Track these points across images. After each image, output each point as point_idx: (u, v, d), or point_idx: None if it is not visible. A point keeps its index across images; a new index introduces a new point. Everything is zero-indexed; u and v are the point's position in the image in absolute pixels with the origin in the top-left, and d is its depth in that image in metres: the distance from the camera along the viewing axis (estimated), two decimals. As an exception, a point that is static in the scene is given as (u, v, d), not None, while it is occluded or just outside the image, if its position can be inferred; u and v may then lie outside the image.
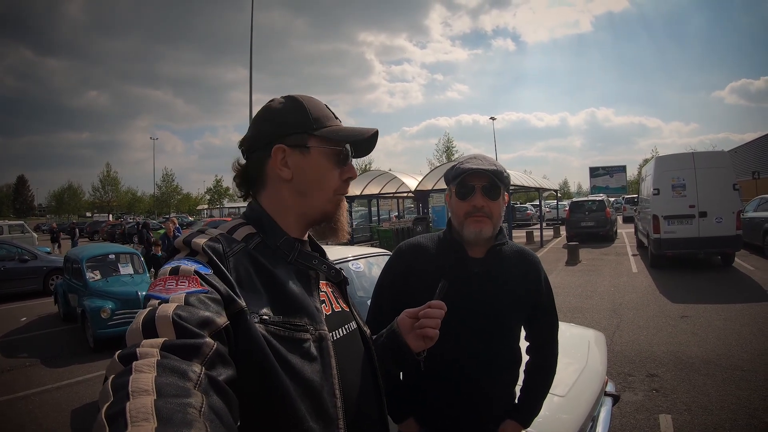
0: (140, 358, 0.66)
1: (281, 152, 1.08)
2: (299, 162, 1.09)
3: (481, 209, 1.70)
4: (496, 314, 1.73)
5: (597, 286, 10.59)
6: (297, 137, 1.09)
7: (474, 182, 1.71)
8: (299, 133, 1.09)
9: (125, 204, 73.10)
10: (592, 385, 2.68)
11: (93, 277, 8.56)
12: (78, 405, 5.48)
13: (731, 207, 11.36)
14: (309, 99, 1.15)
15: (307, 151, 1.09)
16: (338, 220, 1.16)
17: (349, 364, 1.07)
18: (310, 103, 1.13)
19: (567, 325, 3.62)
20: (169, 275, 0.85)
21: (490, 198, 1.71)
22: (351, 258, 3.69)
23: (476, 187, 1.71)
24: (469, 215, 1.71)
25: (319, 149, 1.10)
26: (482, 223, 1.70)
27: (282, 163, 1.08)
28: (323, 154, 1.10)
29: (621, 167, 52.96)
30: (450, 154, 55.79)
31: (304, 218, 1.12)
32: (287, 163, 1.08)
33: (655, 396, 4.77)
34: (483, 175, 1.69)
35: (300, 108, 1.11)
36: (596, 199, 21.54)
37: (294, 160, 1.09)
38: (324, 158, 1.10)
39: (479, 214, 1.70)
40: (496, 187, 1.71)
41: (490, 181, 1.70)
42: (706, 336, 6.56)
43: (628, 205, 30.76)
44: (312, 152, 1.09)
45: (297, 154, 1.09)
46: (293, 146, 1.09)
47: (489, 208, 1.71)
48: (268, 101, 1.17)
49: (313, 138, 1.09)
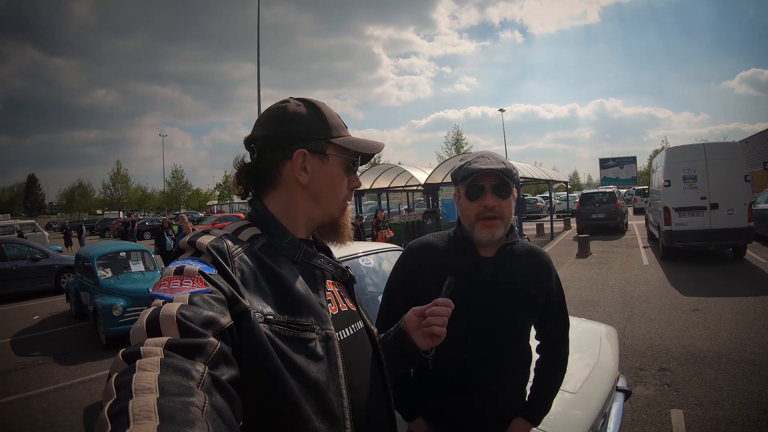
0: (144, 357, 0.67)
1: (302, 156, 1.08)
2: (317, 168, 1.10)
3: (492, 209, 1.68)
4: (508, 314, 1.72)
5: (608, 278, 10.55)
6: (318, 143, 1.10)
7: (483, 182, 1.68)
8: (320, 140, 1.10)
9: (135, 201, 73.43)
10: (603, 381, 2.67)
11: (104, 274, 8.63)
12: (91, 402, 5.53)
13: (743, 198, 11.28)
14: (325, 106, 1.16)
15: (326, 159, 1.10)
16: (343, 225, 1.19)
17: (356, 364, 1.07)
18: (328, 111, 1.14)
19: (578, 320, 3.60)
20: (174, 275, 0.86)
21: (500, 197, 1.68)
22: (361, 253, 3.67)
23: (486, 187, 1.68)
24: (480, 216, 1.69)
25: (336, 158, 1.11)
26: (494, 227, 1.68)
27: (301, 167, 1.08)
28: (339, 163, 1.12)
29: (631, 158, 52.63)
30: (459, 146, 55.46)
31: (312, 222, 1.13)
32: (306, 168, 1.09)
33: (666, 391, 4.75)
34: (493, 175, 1.67)
35: (320, 114, 1.12)
36: (606, 190, 21.42)
37: (312, 165, 1.09)
38: (339, 166, 1.12)
39: (491, 214, 1.68)
40: (506, 185, 1.68)
41: (500, 180, 1.67)
42: (717, 330, 6.52)
43: (638, 197, 30.57)
44: (330, 160, 1.10)
45: (316, 160, 1.09)
46: (314, 152, 1.09)
47: (500, 207, 1.68)
48: (280, 102, 1.15)
49: (332, 146, 1.10)
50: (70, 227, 28.94)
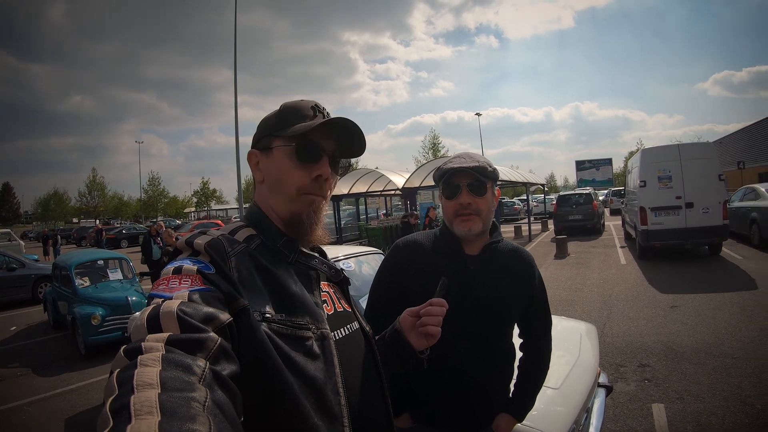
0: (145, 353, 0.68)
1: (255, 156, 1.14)
2: (265, 163, 1.13)
3: (468, 206, 1.72)
4: (492, 311, 1.75)
5: (586, 278, 10.66)
6: (265, 140, 1.13)
7: (459, 181, 1.73)
8: (266, 136, 1.13)
9: (112, 209, 72.41)
10: (585, 377, 2.71)
11: (82, 283, 8.49)
12: (72, 413, 5.44)
13: (717, 197, 11.50)
14: (294, 101, 1.16)
15: (270, 152, 1.12)
16: (309, 222, 1.12)
17: (352, 364, 1.08)
18: (288, 105, 1.15)
19: (558, 318, 3.64)
20: (173, 274, 0.87)
21: (476, 195, 1.72)
22: (341, 257, 3.69)
23: (461, 186, 1.73)
24: (457, 214, 1.74)
25: (280, 148, 1.11)
26: (471, 221, 1.72)
27: (256, 167, 1.13)
28: (284, 153, 1.10)
29: (607, 160, 53.15)
30: (436, 150, 55.75)
31: (280, 216, 1.11)
32: (259, 166, 1.13)
33: (647, 386, 4.83)
34: (467, 173, 1.71)
35: (276, 112, 1.15)
36: (583, 192, 21.67)
37: (263, 161, 1.13)
38: (285, 157, 1.10)
39: (467, 212, 1.72)
40: (481, 183, 1.73)
41: (474, 178, 1.72)
42: (695, 325, 6.64)
43: (615, 198, 30.94)
44: (274, 152, 1.11)
45: (264, 156, 1.13)
46: (262, 149, 1.13)
47: (476, 204, 1.72)
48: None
49: (277, 139, 1.11)
50: (48, 236, 28.45)
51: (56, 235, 29.20)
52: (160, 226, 10.70)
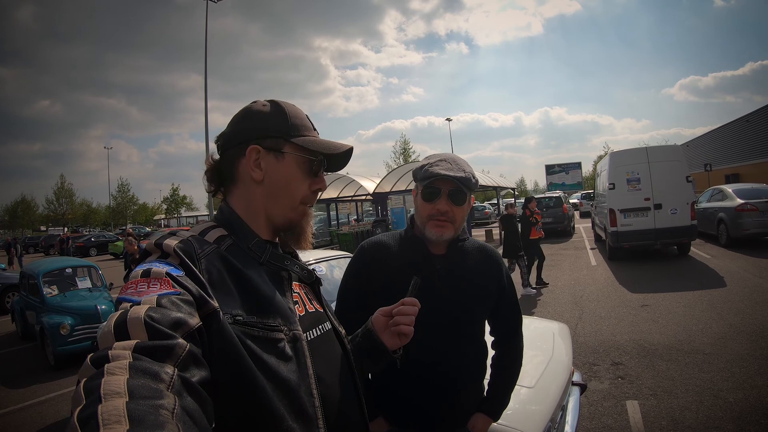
0: (112, 361, 0.66)
1: (255, 153, 1.09)
2: (272, 165, 1.10)
3: (444, 213, 1.72)
4: (461, 309, 1.76)
5: (557, 280, 10.80)
6: (274, 141, 1.10)
7: (441, 186, 1.72)
8: (277, 138, 1.10)
9: (80, 216, 70.98)
10: (559, 376, 2.74)
11: (50, 292, 8.29)
12: (42, 426, 5.32)
13: (685, 198, 11.76)
14: (291, 106, 1.16)
15: (281, 156, 1.10)
16: (302, 229, 1.17)
17: (325, 364, 1.07)
18: (292, 111, 1.14)
19: (531, 318, 3.68)
20: (141, 278, 0.85)
21: (455, 203, 1.72)
22: (313, 261, 3.69)
23: (442, 192, 1.72)
24: (432, 218, 1.73)
25: (294, 156, 1.10)
26: (444, 228, 1.72)
27: (255, 164, 1.09)
28: (296, 162, 1.11)
29: (576, 164, 53.75)
30: (407, 156, 55.92)
31: (272, 221, 1.12)
32: (260, 165, 1.09)
33: (620, 383, 4.90)
34: (450, 181, 1.70)
35: (281, 113, 1.13)
36: (553, 195, 21.98)
37: (267, 162, 1.09)
38: (296, 166, 1.11)
39: (443, 218, 1.72)
40: (462, 193, 1.73)
41: (456, 188, 1.71)
42: (666, 323, 6.77)
43: (584, 201, 31.39)
44: (286, 158, 1.10)
45: (271, 157, 1.09)
46: (268, 149, 1.09)
47: (453, 213, 1.72)
48: (250, 102, 1.17)
49: (290, 145, 1.10)
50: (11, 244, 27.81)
51: (17, 244, 28.57)
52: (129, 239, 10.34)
